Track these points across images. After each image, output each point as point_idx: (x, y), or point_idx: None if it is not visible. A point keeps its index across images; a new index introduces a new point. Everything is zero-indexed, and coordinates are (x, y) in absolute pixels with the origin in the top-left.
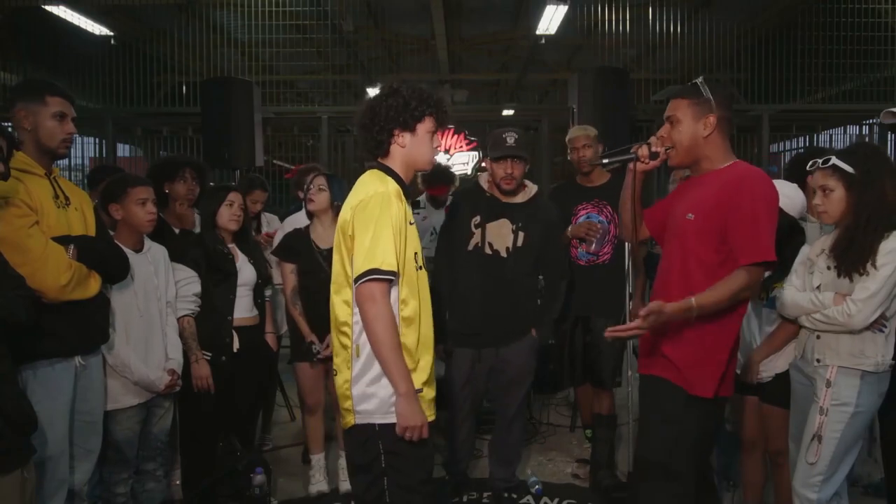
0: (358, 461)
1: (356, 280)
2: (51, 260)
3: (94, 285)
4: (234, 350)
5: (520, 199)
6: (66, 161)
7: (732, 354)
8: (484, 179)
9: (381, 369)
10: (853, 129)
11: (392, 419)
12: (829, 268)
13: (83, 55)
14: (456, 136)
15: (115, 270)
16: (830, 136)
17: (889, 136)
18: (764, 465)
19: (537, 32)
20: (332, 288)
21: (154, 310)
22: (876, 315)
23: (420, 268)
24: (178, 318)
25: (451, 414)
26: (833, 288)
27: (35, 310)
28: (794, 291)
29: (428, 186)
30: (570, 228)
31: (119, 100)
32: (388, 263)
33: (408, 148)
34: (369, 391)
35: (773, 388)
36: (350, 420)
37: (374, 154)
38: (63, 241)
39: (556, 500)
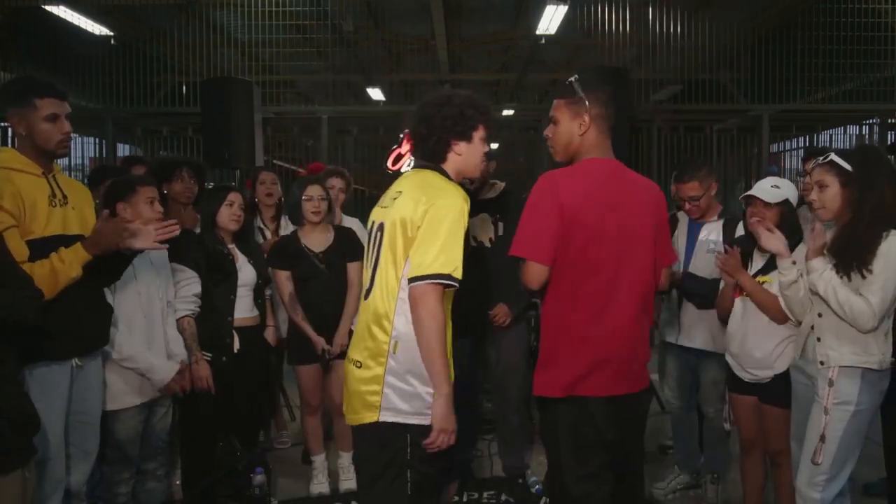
0: (378, 457)
1: (419, 279)
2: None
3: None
4: (235, 351)
5: (492, 193)
6: (66, 161)
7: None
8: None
9: (421, 369)
10: (853, 129)
11: (423, 420)
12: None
13: (83, 55)
14: None
15: (104, 272)
16: (830, 136)
17: (889, 135)
18: (763, 465)
19: (537, 32)
20: (377, 280)
21: (156, 309)
22: (883, 319)
23: None
24: (177, 318)
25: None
26: None
27: (40, 310)
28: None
29: None
30: None
31: (119, 100)
32: (458, 272)
33: (464, 156)
34: (407, 390)
35: (772, 389)
36: (372, 416)
37: (430, 161)
38: (53, 242)
39: None
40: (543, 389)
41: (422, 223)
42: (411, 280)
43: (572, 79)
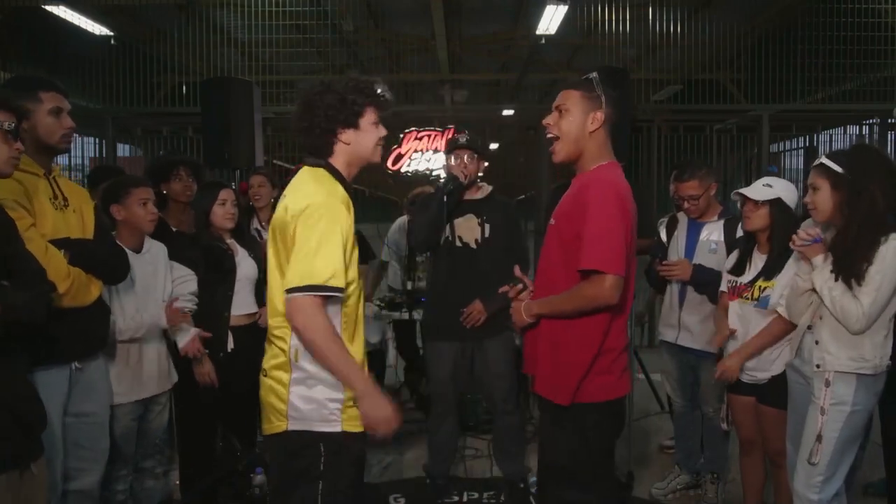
0: (288, 467)
1: (290, 291)
2: (50, 267)
3: (94, 291)
4: (229, 349)
5: (479, 195)
6: (66, 161)
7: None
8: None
9: (324, 374)
10: (853, 129)
11: (330, 427)
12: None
13: (83, 55)
14: None
15: (112, 272)
16: (830, 136)
17: (889, 135)
18: (763, 465)
19: (537, 32)
20: (269, 289)
21: (153, 310)
22: (873, 323)
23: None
24: None
25: (432, 412)
26: None
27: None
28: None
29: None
30: None
31: (119, 100)
32: (336, 280)
33: (352, 145)
34: (311, 397)
35: (770, 390)
36: (282, 425)
37: (318, 155)
38: (57, 245)
39: None
40: (594, 395)
41: (296, 228)
42: (287, 291)
43: (593, 75)
